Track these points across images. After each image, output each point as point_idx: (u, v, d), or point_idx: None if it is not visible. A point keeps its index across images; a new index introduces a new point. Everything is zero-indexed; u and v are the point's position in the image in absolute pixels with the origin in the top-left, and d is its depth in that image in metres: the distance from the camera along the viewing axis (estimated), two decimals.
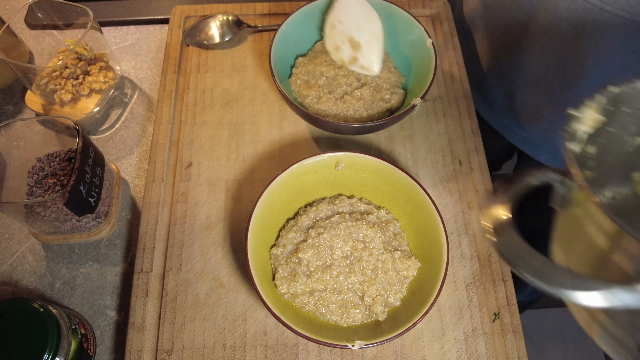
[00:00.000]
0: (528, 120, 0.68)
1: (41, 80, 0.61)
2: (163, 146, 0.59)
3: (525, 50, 0.59)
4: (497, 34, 0.64)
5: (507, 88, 0.67)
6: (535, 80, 0.61)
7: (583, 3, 0.50)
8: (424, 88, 0.53)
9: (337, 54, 0.58)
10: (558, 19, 0.52)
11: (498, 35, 0.64)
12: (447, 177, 0.58)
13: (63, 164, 0.55)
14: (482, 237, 0.54)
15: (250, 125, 0.61)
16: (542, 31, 0.55)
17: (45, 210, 0.50)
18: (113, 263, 0.55)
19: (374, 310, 0.45)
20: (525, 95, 0.64)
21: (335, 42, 0.58)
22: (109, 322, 0.52)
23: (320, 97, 0.57)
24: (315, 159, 0.49)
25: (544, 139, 0.68)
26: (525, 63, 0.61)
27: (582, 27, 0.51)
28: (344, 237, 0.47)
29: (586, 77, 0.55)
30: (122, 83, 0.68)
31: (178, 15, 0.70)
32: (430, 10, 0.71)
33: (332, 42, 0.58)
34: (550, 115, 0.64)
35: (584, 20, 0.50)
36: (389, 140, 0.60)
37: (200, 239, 0.54)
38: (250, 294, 0.51)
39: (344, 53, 0.57)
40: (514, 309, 0.50)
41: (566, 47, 0.54)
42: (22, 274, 0.54)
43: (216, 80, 0.65)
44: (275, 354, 0.48)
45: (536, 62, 0.59)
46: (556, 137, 0.65)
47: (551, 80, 0.59)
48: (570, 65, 0.55)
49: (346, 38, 0.56)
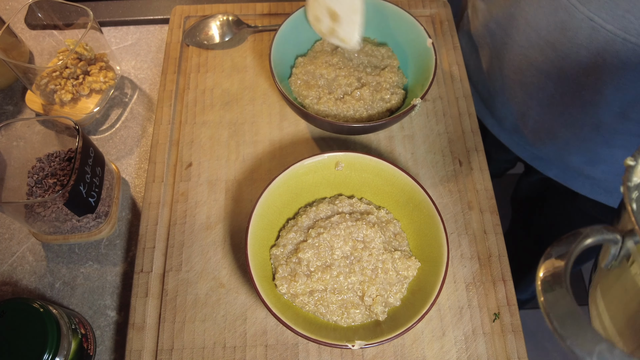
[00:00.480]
0: (540, 139, 0.65)
1: (41, 80, 0.61)
2: (163, 146, 0.59)
3: (542, 73, 0.57)
4: (510, 54, 0.61)
5: (519, 107, 0.64)
6: (550, 103, 0.59)
7: (605, 33, 0.47)
8: (424, 88, 0.53)
9: (317, 25, 0.56)
10: (577, 46, 0.50)
11: (512, 56, 0.61)
12: (447, 177, 0.58)
13: (63, 164, 0.55)
14: (482, 237, 0.54)
15: (250, 125, 0.61)
16: (560, 56, 0.53)
17: (45, 210, 0.50)
18: (113, 263, 0.55)
19: (374, 310, 0.45)
20: (539, 115, 0.62)
21: (315, 12, 0.56)
22: (109, 322, 0.52)
23: (320, 97, 0.57)
24: (315, 159, 0.49)
25: (556, 156, 0.66)
26: (541, 85, 0.58)
27: (603, 57, 0.49)
28: (344, 237, 0.47)
29: (606, 104, 0.53)
30: (122, 83, 0.68)
31: (178, 15, 0.70)
32: (430, 10, 0.71)
33: (312, 13, 0.56)
34: (565, 135, 0.61)
35: (605, 50, 0.48)
36: (389, 140, 0.60)
37: (200, 239, 0.54)
38: (250, 294, 0.51)
39: (322, 24, 0.55)
40: (514, 309, 0.50)
41: (585, 74, 0.52)
42: (22, 274, 0.54)
43: (216, 80, 0.65)
44: (275, 354, 0.48)
45: (552, 85, 0.57)
46: (570, 156, 0.63)
47: (568, 104, 0.57)
48: (588, 91, 0.53)
49: (325, 9, 0.54)
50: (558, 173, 0.68)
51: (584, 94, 0.54)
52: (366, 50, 0.60)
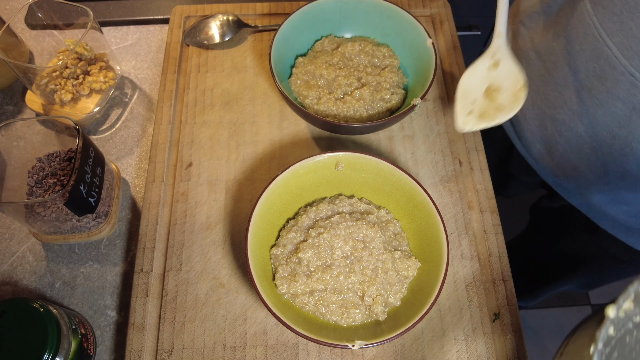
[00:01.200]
0: (564, 173, 0.63)
1: (41, 80, 0.61)
2: (163, 146, 0.59)
3: (574, 113, 0.55)
4: (546, 88, 0.58)
5: (547, 139, 0.62)
6: (578, 143, 0.57)
7: None
8: (424, 88, 0.53)
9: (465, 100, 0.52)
10: (614, 98, 0.49)
11: (547, 90, 0.58)
12: (447, 177, 0.58)
13: (63, 164, 0.55)
14: (482, 237, 0.54)
15: (250, 125, 0.61)
16: (595, 103, 0.51)
17: (45, 210, 0.50)
18: (113, 263, 0.55)
19: (374, 310, 0.45)
20: (566, 152, 0.59)
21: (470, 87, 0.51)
22: (109, 322, 0.52)
23: (320, 97, 0.57)
24: (315, 159, 0.49)
25: (578, 192, 0.64)
26: (572, 125, 0.56)
27: (639, 113, 0.48)
28: (344, 237, 0.47)
29: (634, 157, 0.52)
30: (122, 83, 0.68)
31: (178, 15, 0.70)
32: (431, 10, 0.71)
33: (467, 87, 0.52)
34: (589, 175, 0.58)
35: None
36: (389, 140, 0.60)
37: (200, 239, 0.54)
38: (250, 294, 0.51)
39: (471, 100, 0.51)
40: (514, 309, 0.50)
41: (618, 126, 0.50)
42: (22, 274, 0.54)
43: (216, 80, 0.65)
44: (275, 354, 0.48)
45: (583, 128, 0.54)
46: (592, 194, 0.61)
47: (595, 149, 0.55)
48: (618, 142, 0.52)
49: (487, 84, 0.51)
50: (581, 203, 0.66)
51: (614, 143, 0.52)
52: (366, 50, 0.60)
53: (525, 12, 0.59)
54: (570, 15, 0.51)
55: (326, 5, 0.60)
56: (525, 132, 0.65)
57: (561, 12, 0.54)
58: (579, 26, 0.50)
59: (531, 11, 0.59)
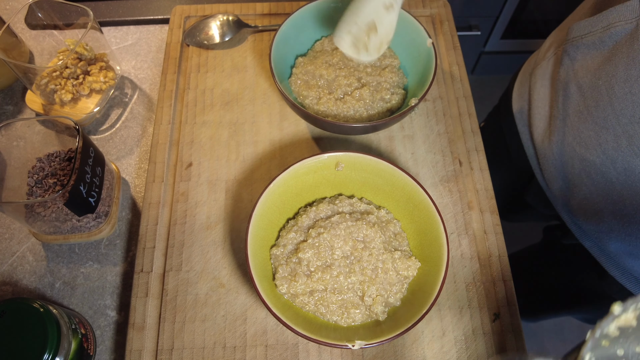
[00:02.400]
0: (584, 215, 0.60)
1: (41, 80, 0.61)
2: (163, 146, 0.59)
3: (608, 159, 0.52)
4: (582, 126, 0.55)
5: (571, 178, 0.59)
6: (607, 189, 0.54)
7: None
8: (424, 88, 0.53)
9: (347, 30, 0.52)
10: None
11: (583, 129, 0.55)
12: (447, 177, 0.58)
13: (63, 164, 0.55)
14: (482, 237, 0.54)
15: (250, 125, 0.61)
16: (634, 152, 0.49)
17: (45, 210, 0.50)
18: (113, 263, 0.55)
19: (374, 310, 0.45)
20: (591, 195, 0.57)
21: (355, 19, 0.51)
22: (109, 322, 0.52)
23: (320, 97, 0.57)
24: (315, 159, 0.49)
25: (595, 235, 0.61)
26: (603, 170, 0.53)
27: None
28: (344, 237, 0.47)
29: None
30: (122, 83, 0.68)
31: (178, 15, 0.70)
32: (431, 10, 0.71)
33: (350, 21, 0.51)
34: (611, 222, 0.56)
35: None
36: (389, 140, 0.60)
37: (200, 239, 0.54)
38: (250, 294, 0.51)
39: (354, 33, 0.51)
40: (514, 309, 0.50)
41: None
42: (22, 274, 0.54)
43: (216, 80, 0.65)
44: (275, 354, 0.48)
45: (615, 176, 0.52)
46: (610, 242, 0.58)
47: (624, 198, 0.52)
48: None
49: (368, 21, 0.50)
50: (593, 246, 0.63)
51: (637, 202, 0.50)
52: None
53: (572, 42, 0.55)
54: (626, 55, 0.47)
55: (326, 5, 0.60)
56: (549, 165, 0.63)
57: (616, 50, 0.49)
58: (633, 69, 0.46)
59: (580, 42, 0.54)
